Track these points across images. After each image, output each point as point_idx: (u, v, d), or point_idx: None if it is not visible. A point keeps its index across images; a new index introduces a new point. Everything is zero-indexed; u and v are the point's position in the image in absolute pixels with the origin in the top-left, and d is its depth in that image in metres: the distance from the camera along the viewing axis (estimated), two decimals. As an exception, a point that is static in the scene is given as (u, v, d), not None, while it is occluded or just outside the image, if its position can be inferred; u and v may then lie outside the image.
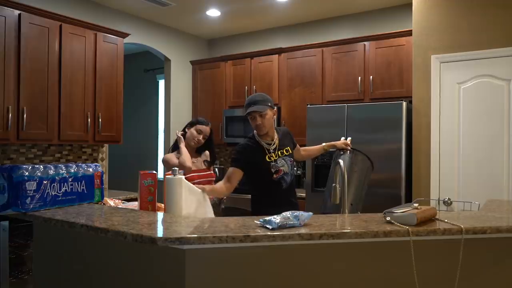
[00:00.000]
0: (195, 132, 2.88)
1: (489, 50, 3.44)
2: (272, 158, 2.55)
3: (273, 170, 2.53)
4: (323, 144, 2.85)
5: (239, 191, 4.66)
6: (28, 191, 1.88)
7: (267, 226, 1.57)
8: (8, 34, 3.32)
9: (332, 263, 1.63)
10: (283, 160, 2.58)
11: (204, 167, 2.95)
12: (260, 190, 2.57)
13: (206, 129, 2.90)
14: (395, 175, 3.65)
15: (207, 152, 3.05)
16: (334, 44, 4.49)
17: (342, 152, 2.67)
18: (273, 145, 2.58)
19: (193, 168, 2.86)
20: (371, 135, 3.77)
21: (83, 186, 2.12)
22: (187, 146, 2.90)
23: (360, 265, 1.65)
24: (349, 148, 2.67)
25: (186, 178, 2.49)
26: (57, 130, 3.67)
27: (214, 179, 2.97)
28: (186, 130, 2.93)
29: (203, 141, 2.91)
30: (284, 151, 2.62)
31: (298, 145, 2.86)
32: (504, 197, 3.35)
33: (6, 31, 3.31)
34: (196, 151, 2.97)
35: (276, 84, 4.86)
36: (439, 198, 3.37)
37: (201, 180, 2.81)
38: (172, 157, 2.88)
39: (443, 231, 1.59)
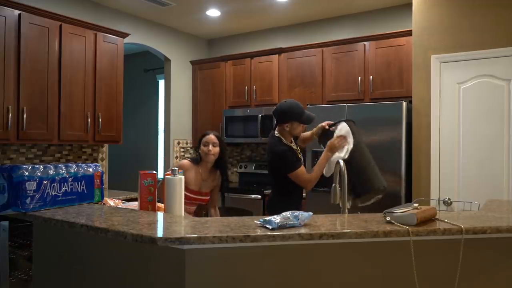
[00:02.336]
0: (203, 147, 2.79)
1: (489, 50, 3.44)
2: (299, 156, 2.84)
3: None
4: (314, 130, 2.94)
5: (240, 191, 4.69)
6: (28, 191, 1.88)
7: (267, 226, 1.57)
8: (8, 34, 3.32)
9: (332, 263, 1.63)
10: (302, 159, 2.87)
11: (207, 190, 2.87)
12: (289, 185, 2.76)
13: (210, 137, 2.80)
14: (395, 175, 3.65)
15: (219, 177, 2.93)
16: (334, 44, 4.49)
17: (330, 130, 2.74)
18: (295, 146, 2.86)
19: (196, 189, 2.79)
20: (371, 135, 3.77)
21: (83, 186, 2.12)
22: (205, 164, 2.82)
23: (360, 265, 1.65)
24: (326, 127, 2.78)
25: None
26: (57, 130, 3.67)
27: (204, 203, 2.89)
28: (199, 151, 2.83)
29: (216, 149, 2.79)
30: (300, 150, 2.91)
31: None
32: (504, 197, 3.35)
33: (6, 31, 3.31)
34: (212, 170, 2.87)
35: (276, 84, 4.86)
36: (439, 198, 3.37)
37: (190, 201, 2.76)
38: (186, 168, 2.78)
39: (443, 231, 1.59)
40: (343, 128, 2.63)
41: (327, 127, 2.77)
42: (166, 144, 5.50)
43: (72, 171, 2.08)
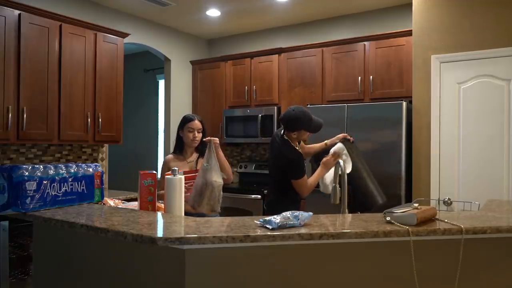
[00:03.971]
0: (188, 133, 2.79)
1: (489, 50, 3.44)
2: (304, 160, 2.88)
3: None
4: (325, 141, 3.03)
5: (240, 191, 4.69)
6: (28, 191, 1.88)
7: (267, 226, 1.57)
8: (8, 34, 3.32)
9: (332, 263, 1.63)
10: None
11: (196, 167, 2.84)
12: (291, 187, 2.78)
13: (195, 123, 2.80)
14: (395, 175, 3.65)
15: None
16: (334, 44, 4.49)
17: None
18: (300, 149, 2.88)
19: (187, 169, 2.78)
20: (371, 135, 3.77)
21: (83, 186, 2.12)
22: (188, 147, 2.84)
23: (360, 265, 1.65)
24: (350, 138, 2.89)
25: None
26: (57, 130, 3.67)
27: None
28: (180, 134, 2.84)
29: (200, 134, 2.82)
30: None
31: (302, 142, 3.06)
32: (504, 197, 3.35)
33: (6, 31, 3.31)
34: (196, 150, 2.89)
35: (276, 84, 4.86)
36: (439, 198, 3.37)
37: (190, 181, 2.77)
38: (170, 162, 2.83)
39: (443, 231, 1.59)
40: (336, 146, 2.78)
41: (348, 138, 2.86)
42: (166, 144, 5.50)
43: (72, 171, 2.08)
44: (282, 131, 2.85)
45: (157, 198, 2.29)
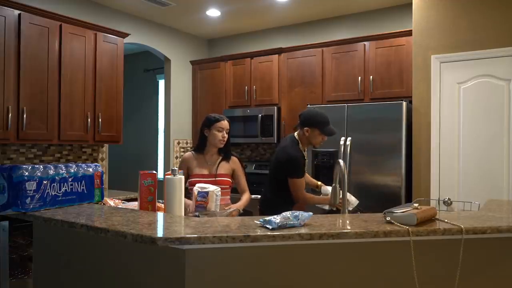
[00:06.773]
0: (217, 133, 2.73)
1: (489, 50, 3.44)
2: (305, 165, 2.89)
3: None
4: (319, 183, 3.11)
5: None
6: (28, 191, 1.88)
7: (267, 226, 1.57)
8: (8, 34, 3.32)
9: (332, 263, 1.63)
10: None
11: (224, 172, 2.78)
12: (288, 190, 2.80)
13: (225, 123, 2.77)
14: (395, 175, 3.65)
15: (235, 160, 2.86)
16: (334, 44, 4.49)
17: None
18: (305, 155, 2.91)
19: (206, 170, 2.74)
20: (371, 135, 3.77)
21: (83, 186, 2.12)
22: (212, 147, 2.77)
23: (360, 265, 1.65)
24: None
25: (191, 182, 2.54)
26: (57, 130, 3.67)
27: (227, 186, 2.77)
28: (205, 133, 2.77)
29: (227, 135, 2.78)
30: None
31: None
32: (504, 197, 3.35)
33: (6, 31, 3.31)
34: (219, 151, 2.81)
35: (276, 84, 4.86)
36: (439, 198, 3.36)
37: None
38: (189, 160, 2.79)
39: (443, 231, 1.59)
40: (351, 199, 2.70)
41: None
42: (166, 144, 5.50)
43: (72, 171, 2.08)
44: (295, 133, 2.89)
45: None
